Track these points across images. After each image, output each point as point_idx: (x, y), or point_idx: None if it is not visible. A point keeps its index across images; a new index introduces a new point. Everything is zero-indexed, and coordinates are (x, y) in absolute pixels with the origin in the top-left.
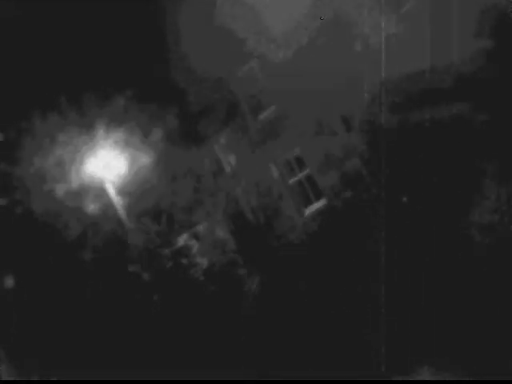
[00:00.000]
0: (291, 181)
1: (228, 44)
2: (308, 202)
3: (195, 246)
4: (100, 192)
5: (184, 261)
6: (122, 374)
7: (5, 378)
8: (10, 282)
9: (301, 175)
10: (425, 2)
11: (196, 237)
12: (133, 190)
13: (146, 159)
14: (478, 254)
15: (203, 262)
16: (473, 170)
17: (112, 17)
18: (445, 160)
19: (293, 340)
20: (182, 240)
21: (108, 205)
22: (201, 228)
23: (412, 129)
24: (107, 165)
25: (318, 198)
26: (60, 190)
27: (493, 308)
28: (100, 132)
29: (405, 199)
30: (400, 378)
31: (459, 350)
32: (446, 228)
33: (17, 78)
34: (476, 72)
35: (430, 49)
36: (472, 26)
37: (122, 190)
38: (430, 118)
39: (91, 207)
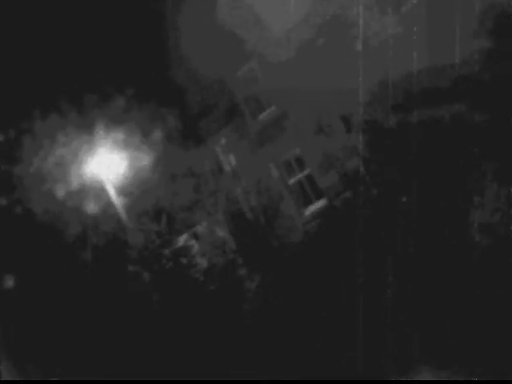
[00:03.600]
0: (291, 181)
1: (228, 44)
2: (308, 202)
3: (195, 245)
4: (100, 192)
5: (184, 261)
6: (122, 373)
7: (5, 377)
8: (9, 281)
9: (301, 175)
10: (425, 2)
11: (196, 237)
12: (133, 189)
13: (146, 159)
14: (477, 254)
15: (203, 261)
16: (473, 169)
17: (112, 17)
18: (445, 160)
19: (293, 339)
20: (182, 240)
21: (108, 205)
22: (201, 228)
23: (412, 129)
24: (107, 165)
25: (317, 198)
26: (60, 189)
27: (492, 309)
28: (100, 132)
29: (404, 199)
30: (399, 378)
31: (459, 350)
32: (446, 228)
33: (17, 78)
34: (476, 72)
35: (429, 49)
36: (472, 26)
37: (122, 190)
38: (430, 117)
39: (91, 207)
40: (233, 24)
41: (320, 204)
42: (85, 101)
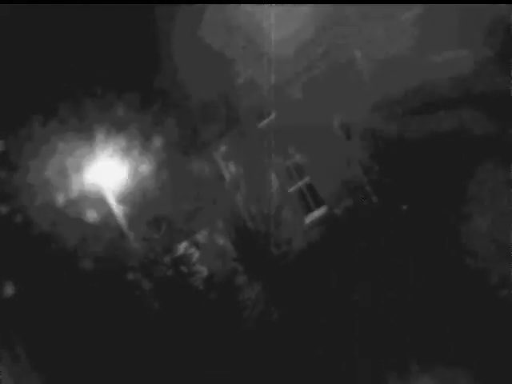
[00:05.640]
0: (291, 189)
1: (217, 64)
2: (308, 210)
3: (195, 254)
4: (100, 200)
5: (184, 269)
6: (121, 381)
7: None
8: (9, 290)
9: (301, 183)
10: (426, 11)
11: (196, 245)
12: (133, 197)
13: (146, 167)
14: (476, 262)
15: (203, 270)
16: (473, 179)
17: (112, 23)
18: (445, 168)
19: (293, 347)
20: (182, 248)
21: (108, 213)
22: (201, 236)
23: (412, 137)
24: (107, 172)
25: (318, 206)
26: (60, 198)
27: (493, 313)
28: (100, 139)
29: (405, 207)
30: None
31: (459, 355)
32: (446, 236)
33: (17, 85)
34: (477, 81)
35: (430, 58)
36: (474, 36)
37: (122, 198)
38: (430, 125)
39: (91, 215)
40: (220, 44)
41: (320, 212)
42: (85, 108)
